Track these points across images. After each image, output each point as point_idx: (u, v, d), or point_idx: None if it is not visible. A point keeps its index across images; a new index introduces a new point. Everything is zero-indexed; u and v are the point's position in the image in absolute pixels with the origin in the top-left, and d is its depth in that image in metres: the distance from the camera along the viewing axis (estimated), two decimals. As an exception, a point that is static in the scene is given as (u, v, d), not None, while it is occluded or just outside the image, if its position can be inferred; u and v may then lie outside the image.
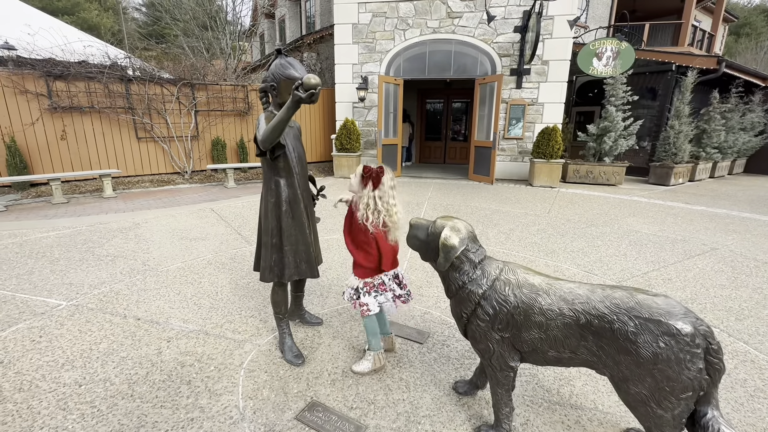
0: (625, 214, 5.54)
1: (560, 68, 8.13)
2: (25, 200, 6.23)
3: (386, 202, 1.81)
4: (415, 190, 7.27)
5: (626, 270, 3.49)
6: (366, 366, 2.00)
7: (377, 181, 1.78)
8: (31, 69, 6.66)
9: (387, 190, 1.82)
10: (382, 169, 1.80)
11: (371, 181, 1.76)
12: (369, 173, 1.77)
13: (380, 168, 1.80)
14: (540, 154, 7.70)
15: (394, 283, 1.97)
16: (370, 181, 1.76)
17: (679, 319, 1.20)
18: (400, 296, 1.99)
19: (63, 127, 7.05)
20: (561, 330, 1.36)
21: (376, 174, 1.77)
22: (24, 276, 3.17)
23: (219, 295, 2.88)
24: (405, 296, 2.00)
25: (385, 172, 1.81)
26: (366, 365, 2.00)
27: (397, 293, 1.97)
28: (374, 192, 1.79)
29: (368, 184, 1.77)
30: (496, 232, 4.61)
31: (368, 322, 1.96)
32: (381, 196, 1.80)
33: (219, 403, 1.79)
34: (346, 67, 9.03)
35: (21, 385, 1.88)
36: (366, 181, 1.77)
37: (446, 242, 1.51)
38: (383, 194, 1.80)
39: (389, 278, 1.94)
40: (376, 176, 1.77)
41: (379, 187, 1.79)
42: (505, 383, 1.52)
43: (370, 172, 1.76)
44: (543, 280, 1.44)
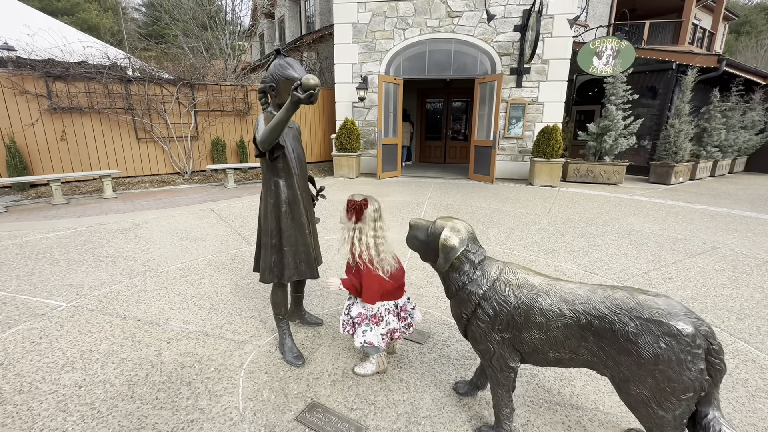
0: (626, 213, 5.53)
1: (560, 67, 8.12)
2: (25, 201, 6.23)
3: (367, 234, 1.78)
4: (415, 190, 7.27)
5: (627, 269, 3.48)
6: (369, 368, 1.99)
7: (359, 214, 1.77)
8: (31, 70, 6.65)
9: (369, 223, 1.79)
10: (365, 202, 1.78)
11: (354, 214, 1.76)
12: (352, 207, 1.76)
13: (364, 201, 1.78)
14: (540, 154, 7.69)
15: (392, 315, 1.92)
16: (354, 214, 1.76)
17: (680, 319, 1.19)
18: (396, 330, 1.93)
19: (63, 127, 7.04)
20: (561, 331, 1.35)
21: (358, 207, 1.76)
22: (24, 277, 3.17)
23: (219, 296, 2.87)
24: (402, 329, 1.97)
25: (369, 204, 1.79)
26: (369, 368, 1.99)
27: (391, 327, 1.92)
28: (356, 225, 1.79)
29: (352, 217, 1.77)
30: (496, 231, 4.61)
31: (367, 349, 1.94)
32: (362, 229, 1.79)
33: (219, 404, 1.78)
34: (346, 67, 9.02)
35: (21, 387, 1.88)
36: (350, 215, 1.77)
37: (446, 243, 1.50)
38: (364, 227, 1.79)
39: (386, 309, 1.91)
40: (359, 209, 1.76)
41: (362, 219, 1.78)
42: (506, 384, 1.51)
43: (353, 206, 1.76)
44: (543, 281, 1.44)
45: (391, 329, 1.92)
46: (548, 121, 8.32)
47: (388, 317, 1.91)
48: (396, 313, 1.95)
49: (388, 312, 1.92)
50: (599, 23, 14.01)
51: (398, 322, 1.94)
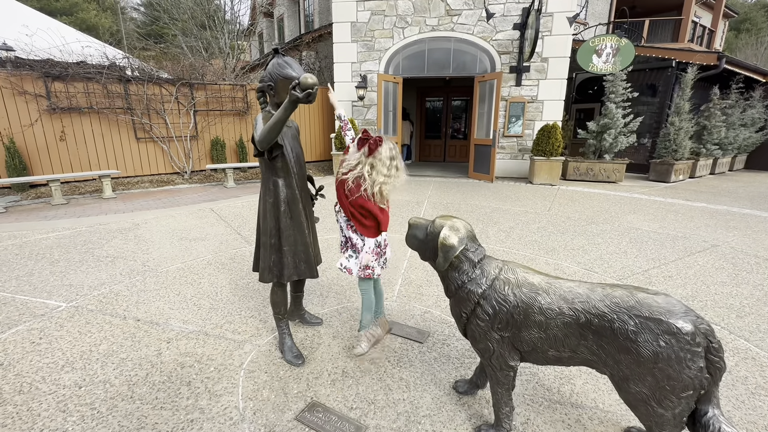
0: (626, 212, 5.53)
1: (560, 65, 8.11)
2: (25, 201, 6.23)
3: (380, 173, 1.78)
4: (414, 189, 7.26)
5: (627, 267, 3.48)
6: (363, 347, 2.06)
7: (373, 149, 1.76)
8: (30, 70, 6.64)
9: (383, 159, 1.79)
10: (380, 139, 1.78)
11: (367, 147, 1.75)
12: (366, 138, 1.75)
13: (379, 137, 1.78)
14: (540, 152, 7.68)
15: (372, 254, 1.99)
16: (366, 146, 1.75)
17: (679, 317, 1.19)
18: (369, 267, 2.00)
19: (62, 128, 7.04)
20: (561, 329, 1.35)
21: (374, 141, 1.75)
22: (24, 277, 3.17)
23: (219, 296, 2.87)
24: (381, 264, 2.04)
25: (384, 143, 1.79)
26: (363, 346, 2.06)
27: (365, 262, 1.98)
28: (368, 159, 1.78)
29: (363, 148, 1.76)
30: (496, 230, 4.60)
31: (367, 291, 2.00)
32: (374, 164, 1.78)
33: (219, 404, 1.78)
34: (345, 66, 9.01)
35: (21, 388, 1.88)
36: (361, 145, 1.76)
37: (445, 242, 1.50)
38: (377, 164, 1.78)
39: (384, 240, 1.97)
40: (374, 144, 1.75)
41: (375, 155, 1.77)
42: (505, 382, 1.51)
43: (367, 137, 1.74)
44: (543, 279, 1.44)
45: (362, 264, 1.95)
46: (548, 120, 8.32)
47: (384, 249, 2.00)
48: (376, 252, 1.99)
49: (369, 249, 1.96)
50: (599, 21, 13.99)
51: (374, 257, 1.97)
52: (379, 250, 2.01)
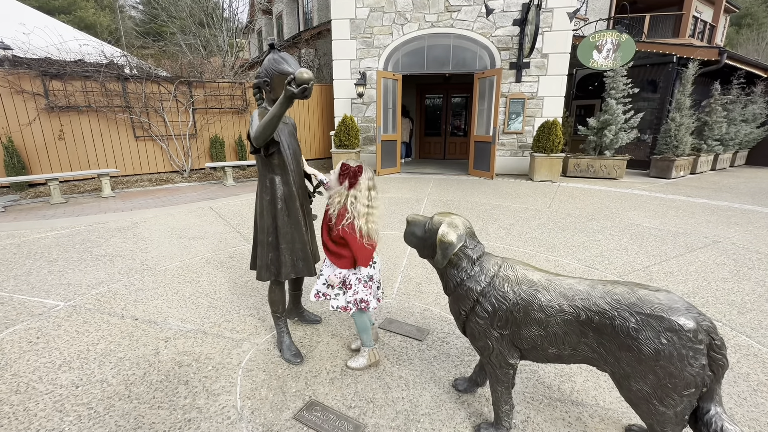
0: (626, 208, 5.51)
1: (560, 61, 8.06)
2: (24, 201, 6.21)
3: (362, 203, 1.76)
4: (414, 186, 7.24)
5: (627, 264, 3.46)
6: (362, 362, 1.99)
7: (354, 181, 1.74)
8: (27, 69, 6.61)
9: (363, 191, 1.76)
10: (360, 168, 1.76)
11: (348, 180, 1.73)
12: (346, 171, 1.73)
13: (359, 167, 1.76)
14: (540, 149, 7.65)
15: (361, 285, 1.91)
16: (347, 179, 1.73)
17: (681, 314, 1.17)
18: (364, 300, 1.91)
19: (60, 126, 7.01)
20: (561, 327, 1.33)
21: (353, 173, 1.73)
22: (22, 277, 3.16)
23: (217, 294, 2.86)
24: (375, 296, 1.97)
25: (363, 172, 1.76)
26: (361, 361, 1.99)
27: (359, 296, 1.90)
28: (350, 191, 1.76)
29: (344, 182, 1.74)
30: (496, 227, 4.58)
31: (361, 319, 1.94)
32: (356, 196, 1.76)
33: (217, 403, 1.77)
34: (344, 63, 8.96)
35: (18, 388, 1.87)
36: (342, 179, 1.74)
37: (443, 239, 1.48)
38: (359, 195, 1.76)
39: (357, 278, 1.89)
40: (353, 175, 1.73)
41: (356, 186, 1.75)
42: (505, 381, 1.50)
43: (347, 170, 1.73)
44: (542, 276, 1.42)
45: (359, 299, 1.88)
46: (548, 116, 8.27)
47: (358, 286, 1.89)
48: (369, 284, 1.92)
49: (358, 281, 1.89)
50: (599, 16, 13.91)
51: (368, 292, 1.91)
52: (372, 283, 1.93)
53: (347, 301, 1.90)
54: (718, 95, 9.31)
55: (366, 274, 1.90)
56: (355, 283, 1.89)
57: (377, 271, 1.97)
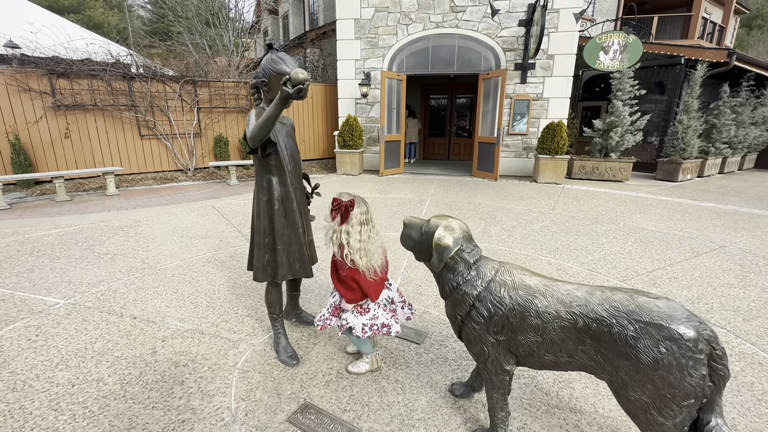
0: (631, 211, 5.44)
1: (566, 62, 8.00)
2: (30, 198, 6.27)
3: (354, 239, 1.71)
4: (417, 187, 7.21)
5: (631, 268, 3.41)
6: (363, 367, 1.97)
7: (345, 216, 1.71)
8: (35, 67, 6.68)
9: (355, 226, 1.72)
10: (352, 203, 1.72)
11: (338, 214, 1.71)
12: (337, 206, 1.70)
13: (350, 202, 1.71)
14: (545, 150, 7.59)
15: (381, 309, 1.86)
16: (338, 214, 1.71)
17: (681, 323, 1.14)
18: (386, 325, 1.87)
19: (66, 125, 7.08)
20: (558, 333, 1.31)
21: (345, 208, 1.70)
22: (24, 274, 3.18)
23: (216, 294, 2.86)
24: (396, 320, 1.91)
25: (355, 206, 1.72)
26: (363, 366, 1.97)
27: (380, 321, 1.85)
28: (342, 227, 1.73)
29: (336, 217, 1.72)
30: (498, 229, 4.55)
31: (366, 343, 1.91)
32: (349, 232, 1.72)
33: (211, 404, 1.76)
34: (349, 63, 8.96)
35: (14, 385, 1.88)
36: (335, 215, 1.71)
37: (439, 242, 1.46)
38: (351, 231, 1.72)
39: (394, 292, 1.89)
40: (345, 211, 1.70)
41: (348, 221, 1.72)
42: (501, 387, 1.47)
43: (338, 206, 1.70)
44: (540, 282, 1.39)
45: (378, 323, 1.83)
46: (553, 118, 8.21)
47: (377, 311, 1.84)
48: (389, 307, 1.87)
49: (377, 306, 1.85)
50: (606, 17, 13.79)
51: (389, 315, 1.86)
52: (394, 306, 1.89)
53: (363, 324, 1.82)
54: (727, 97, 9.19)
55: (385, 297, 1.87)
56: (373, 307, 1.84)
57: (395, 292, 1.93)
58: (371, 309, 1.84)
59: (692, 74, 8.26)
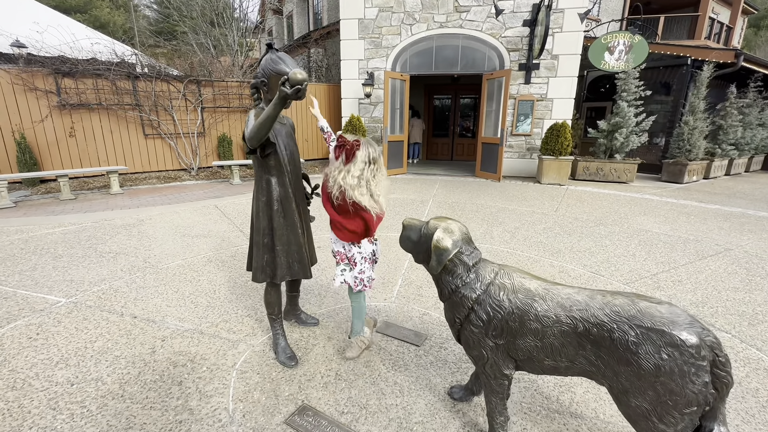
0: (636, 213, 5.39)
1: (570, 63, 7.94)
2: (35, 196, 6.31)
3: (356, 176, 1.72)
4: (420, 188, 7.19)
5: (634, 271, 3.38)
6: (356, 350, 2.06)
7: (350, 156, 1.70)
8: (41, 66, 6.72)
9: (358, 164, 1.73)
10: (357, 144, 1.72)
11: (344, 154, 1.69)
12: (342, 145, 1.68)
13: (356, 142, 1.72)
14: (548, 151, 7.55)
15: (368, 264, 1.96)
16: (343, 153, 1.69)
17: (683, 328, 1.12)
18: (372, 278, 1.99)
19: (71, 123, 7.12)
20: (558, 338, 1.29)
21: (350, 147, 1.69)
22: (27, 272, 3.20)
23: (216, 294, 2.86)
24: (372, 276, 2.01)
25: (362, 148, 1.72)
26: (355, 349, 2.07)
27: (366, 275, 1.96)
28: (346, 166, 1.73)
29: (341, 156, 1.70)
30: (501, 230, 4.52)
31: (361, 301, 1.99)
32: (349, 171, 1.73)
33: (209, 405, 1.76)
34: (352, 63, 8.96)
35: (14, 384, 1.88)
36: (338, 153, 1.70)
37: (438, 244, 1.45)
38: (353, 169, 1.72)
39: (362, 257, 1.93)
40: (350, 150, 1.69)
41: (352, 161, 1.72)
42: (500, 391, 1.46)
43: (343, 144, 1.68)
44: (540, 285, 1.37)
45: (365, 277, 1.94)
46: (557, 118, 8.16)
47: (364, 265, 1.94)
48: (371, 260, 1.98)
49: (364, 260, 1.94)
50: (612, 17, 13.69)
51: (372, 269, 1.97)
52: (375, 257, 2.00)
53: (354, 277, 1.94)
54: (734, 98, 9.09)
55: (370, 251, 1.95)
56: (360, 261, 1.93)
57: (378, 248, 2.02)
58: (358, 263, 1.93)
59: (699, 75, 8.18)
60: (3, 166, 6.62)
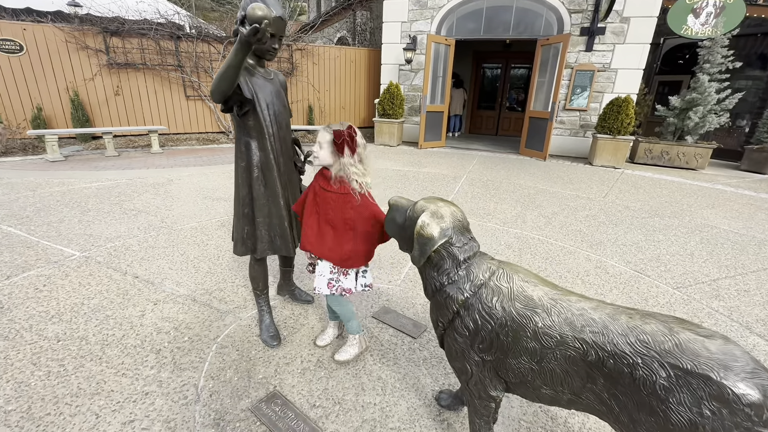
0: (702, 205, 4.66)
1: (643, 27, 6.86)
2: (85, 151, 6.69)
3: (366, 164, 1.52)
4: (456, 163, 6.75)
5: (689, 273, 2.87)
6: (352, 352, 1.79)
7: (353, 144, 1.46)
8: (90, 25, 6.93)
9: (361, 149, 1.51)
10: (351, 128, 1.47)
11: (347, 146, 1.43)
12: (341, 138, 1.42)
13: (350, 127, 1.46)
14: (605, 129, 6.72)
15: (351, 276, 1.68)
16: (346, 146, 1.43)
17: (740, 378, 0.79)
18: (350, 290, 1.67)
19: (119, 82, 7.38)
20: (560, 364, 1.00)
21: (349, 135, 1.43)
22: (54, 224, 3.33)
23: (219, 260, 2.79)
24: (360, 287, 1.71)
25: (356, 130, 1.49)
26: (352, 351, 1.79)
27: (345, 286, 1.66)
28: (354, 157, 1.48)
29: (344, 149, 1.44)
30: (535, 215, 4.08)
31: (344, 307, 1.72)
32: (361, 159, 1.51)
33: (179, 379, 1.67)
34: (395, 26, 8.41)
35: (8, 334, 1.91)
36: (342, 148, 1.44)
37: (422, 231, 1.18)
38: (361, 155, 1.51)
39: None
40: (350, 138, 1.44)
41: (357, 149, 1.48)
42: (485, 413, 1.21)
43: (342, 137, 1.42)
44: (546, 294, 1.07)
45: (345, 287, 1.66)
46: (620, 92, 7.19)
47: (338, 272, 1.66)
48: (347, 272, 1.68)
49: None
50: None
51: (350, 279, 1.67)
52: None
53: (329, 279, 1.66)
54: None
55: None
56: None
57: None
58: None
59: (808, 44, 6.77)
60: (60, 122, 7.05)
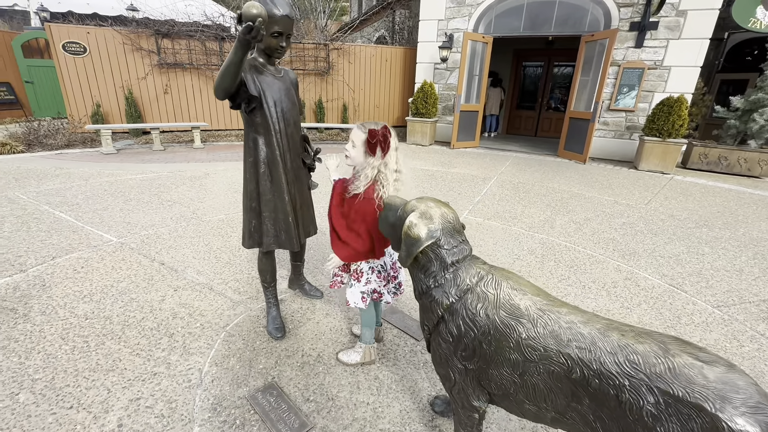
0: (761, 217, 4.21)
1: (702, 21, 6.29)
2: (137, 146, 7.20)
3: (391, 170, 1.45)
4: (488, 164, 6.57)
5: (735, 291, 2.61)
6: (354, 358, 1.78)
7: (386, 145, 1.42)
8: (144, 27, 7.44)
9: (393, 153, 1.47)
10: (386, 128, 1.43)
11: (379, 146, 1.40)
12: (376, 138, 1.37)
13: (384, 127, 1.42)
14: (654, 131, 6.24)
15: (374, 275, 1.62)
16: (379, 147, 1.40)
17: (739, 412, 0.71)
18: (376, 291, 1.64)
19: (168, 81, 7.87)
20: (543, 379, 0.94)
21: (383, 136, 1.39)
22: (99, 211, 3.61)
23: (239, 252, 2.90)
24: (393, 290, 1.68)
25: (390, 132, 1.45)
26: (354, 357, 1.79)
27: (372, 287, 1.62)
28: (383, 160, 1.44)
29: (376, 150, 1.41)
30: (566, 220, 3.88)
31: (368, 313, 1.71)
32: (387, 163, 1.45)
33: (186, 363, 1.76)
34: (431, 24, 8.32)
35: (45, 309, 2.10)
36: (374, 148, 1.40)
37: (409, 231, 1.15)
38: (389, 161, 1.45)
39: (369, 267, 1.60)
40: (384, 139, 1.40)
41: (388, 152, 1.44)
42: (469, 424, 1.16)
43: (376, 136, 1.37)
44: (534, 303, 1.01)
45: (371, 289, 1.61)
46: (673, 91, 6.65)
47: (371, 276, 1.61)
48: (383, 274, 1.63)
49: (372, 271, 1.61)
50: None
51: (382, 283, 1.62)
52: (387, 273, 1.64)
53: (361, 291, 1.62)
54: None
55: (379, 263, 1.63)
56: (367, 271, 1.61)
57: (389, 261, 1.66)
58: (364, 273, 1.61)
59: None
60: (115, 117, 7.64)
